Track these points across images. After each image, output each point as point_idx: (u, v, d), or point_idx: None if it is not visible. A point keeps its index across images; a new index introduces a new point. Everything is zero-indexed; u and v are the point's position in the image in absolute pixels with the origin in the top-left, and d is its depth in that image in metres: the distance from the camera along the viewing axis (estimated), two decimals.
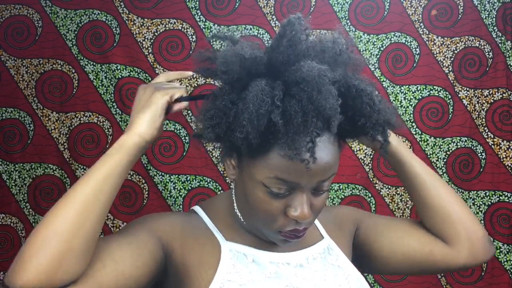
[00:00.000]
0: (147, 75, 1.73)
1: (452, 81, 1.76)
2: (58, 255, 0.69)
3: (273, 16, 1.73)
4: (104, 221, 0.75)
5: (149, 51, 1.73)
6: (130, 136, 0.77)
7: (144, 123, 0.78)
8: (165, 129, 1.59)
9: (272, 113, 0.71)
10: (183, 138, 1.74)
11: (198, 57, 0.82)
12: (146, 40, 1.73)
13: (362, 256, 1.00)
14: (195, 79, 1.72)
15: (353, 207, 1.09)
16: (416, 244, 0.97)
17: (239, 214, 0.87)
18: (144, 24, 1.72)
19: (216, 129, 0.75)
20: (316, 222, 0.97)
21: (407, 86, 1.77)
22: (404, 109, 1.77)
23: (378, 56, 1.76)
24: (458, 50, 1.76)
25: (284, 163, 0.74)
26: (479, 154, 1.77)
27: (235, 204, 0.88)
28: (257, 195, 0.78)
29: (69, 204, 0.72)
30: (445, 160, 1.77)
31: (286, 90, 0.73)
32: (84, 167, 1.72)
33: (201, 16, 1.73)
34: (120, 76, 1.72)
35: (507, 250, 1.76)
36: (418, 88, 1.77)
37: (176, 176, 1.73)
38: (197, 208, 0.93)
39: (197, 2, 1.73)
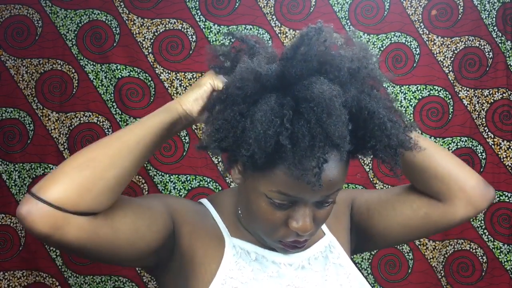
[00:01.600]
0: (147, 75, 1.73)
1: (452, 81, 1.76)
2: (92, 179, 0.71)
3: (273, 16, 1.73)
4: (138, 170, 0.79)
5: (149, 51, 1.73)
6: (174, 103, 0.82)
7: (188, 98, 0.82)
8: None
9: (280, 135, 0.70)
10: (183, 138, 1.74)
11: (214, 51, 0.83)
12: (146, 40, 1.73)
13: (361, 236, 1.00)
14: (194, 79, 1.72)
15: (346, 189, 1.08)
16: (409, 211, 0.96)
17: (242, 217, 0.87)
18: (144, 24, 1.72)
19: (223, 144, 0.75)
20: None
21: (407, 86, 1.77)
22: (404, 109, 1.76)
23: (378, 56, 1.76)
24: (458, 50, 1.76)
25: (288, 179, 0.73)
26: (479, 154, 1.77)
27: (239, 206, 0.88)
28: (259, 205, 0.78)
29: (112, 142, 0.76)
30: None
31: (295, 107, 0.72)
32: None
33: (201, 16, 1.73)
34: (120, 76, 1.72)
35: (507, 250, 1.76)
36: (418, 88, 1.77)
37: (176, 176, 1.73)
38: (204, 201, 0.93)
39: (197, 2, 1.73)
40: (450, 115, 1.77)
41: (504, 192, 1.76)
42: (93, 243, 0.72)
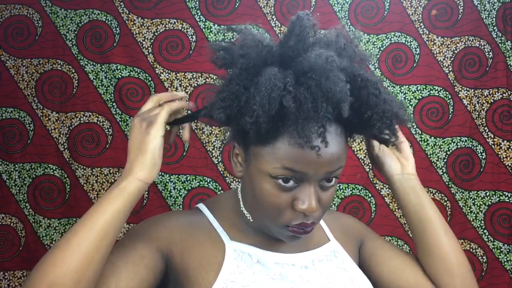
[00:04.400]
0: (147, 75, 1.73)
1: (452, 81, 1.76)
2: None
3: (273, 16, 1.73)
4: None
5: (149, 51, 1.73)
6: (132, 182, 0.76)
7: (144, 168, 0.77)
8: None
9: (283, 98, 0.71)
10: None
11: (214, 46, 0.81)
12: (146, 40, 1.73)
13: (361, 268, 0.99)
14: (194, 79, 1.72)
15: (361, 222, 1.08)
16: (413, 282, 0.95)
17: (246, 212, 0.86)
18: (144, 24, 1.72)
19: (227, 111, 0.75)
20: (323, 224, 0.96)
21: (407, 86, 1.77)
22: None
23: (378, 56, 1.76)
24: (458, 50, 1.76)
25: (292, 152, 0.74)
26: (479, 154, 1.77)
27: (241, 203, 0.87)
28: (264, 188, 0.78)
29: (69, 256, 0.69)
30: (445, 160, 1.77)
31: (295, 80, 0.73)
32: (84, 167, 1.72)
33: (201, 16, 1.73)
34: (120, 76, 1.72)
35: (507, 250, 1.76)
36: (418, 88, 1.77)
37: (176, 176, 1.73)
38: (201, 206, 0.92)
39: (197, 2, 1.73)
40: (450, 115, 1.77)
41: (504, 192, 1.76)
42: None
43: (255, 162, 0.78)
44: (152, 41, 1.73)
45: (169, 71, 1.73)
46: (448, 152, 1.77)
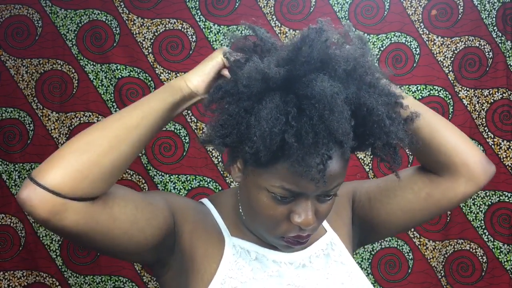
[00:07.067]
0: (147, 75, 1.73)
1: (452, 81, 1.76)
2: (89, 164, 0.70)
3: (273, 16, 1.73)
4: (138, 154, 0.77)
5: (149, 51, 1.73)
6: (178, 79, 0.81)
7: (194, 73, 0.80)
8: (164, 129, 1.59)
9: (286, 133, 0.70)
10: (183, 138, 1.74)
11: (236, 44, 0.81)
12: (146, 40, 1.73)
13: (364, 228, 1.00)
14: None
15: (345, 182, 1.07)
16: (411, 195, 0.95)
17: (243, 215, 0.87)
18: (144, 24, 1.72)
19: (227, 139, 0.74)
20: None
21: (407, 86, 1.77)
22: None
23: (378, 56, 1.76)
24: (458, 50, 1.76)
25: (290, 176, 0.73)
26: None
27: (239, 206, 0.88)
28: (261, 200, 0.78)
29: (111, 124, 0.74)
30: None
31: (297, 104, 0.71)
32: None
33: (201, 16, 1.73)
34: (120, 76, 1.72)
35: (507, 250, 1.76)
36: (418, 88, 1.77)
37: (176, 176, 1.73)
38: (205, 201, 0.93)
39: (197, 2, 1.73)
40: (450, 115, 1.77)
41: (504, 192, 1.77)
42: (90, 230, 0.72)
43: (252, 177, 0.78)
44: (152, 41, 1.73)
45: (169, 71, 1.73)
46: None
